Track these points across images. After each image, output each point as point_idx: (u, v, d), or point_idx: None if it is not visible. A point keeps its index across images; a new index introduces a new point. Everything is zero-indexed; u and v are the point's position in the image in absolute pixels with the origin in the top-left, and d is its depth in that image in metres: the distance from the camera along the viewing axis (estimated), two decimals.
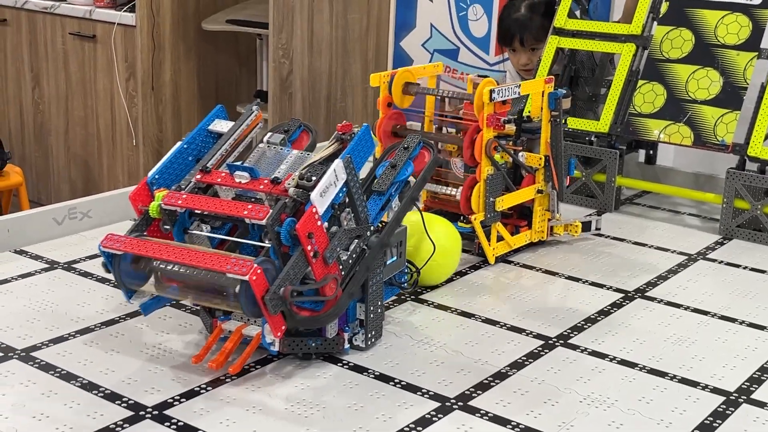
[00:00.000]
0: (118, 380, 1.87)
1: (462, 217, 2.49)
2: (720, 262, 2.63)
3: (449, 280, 2.37)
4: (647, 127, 3.00)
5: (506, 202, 2.50)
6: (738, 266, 2.60)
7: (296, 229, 1.63)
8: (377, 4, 5.50)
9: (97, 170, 5.80)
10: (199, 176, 1.84)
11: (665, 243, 2.78)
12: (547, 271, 2.51)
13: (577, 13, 3.34)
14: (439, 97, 2.61)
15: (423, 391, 1.83)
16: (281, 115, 5.08)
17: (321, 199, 1.69)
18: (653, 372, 1.96)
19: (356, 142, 1.85)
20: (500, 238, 2.54)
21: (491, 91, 2.36)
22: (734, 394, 1.87)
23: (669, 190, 3.13)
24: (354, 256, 1.80)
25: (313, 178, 1.72)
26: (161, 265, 1.76)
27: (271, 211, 1.69)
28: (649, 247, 2.74)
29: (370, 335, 1.95)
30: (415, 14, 5.26)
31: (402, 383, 1.86)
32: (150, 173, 1.93)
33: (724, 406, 1.82)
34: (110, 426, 1.70)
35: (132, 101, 5.59)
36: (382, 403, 1.79)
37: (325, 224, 1.73)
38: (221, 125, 2.04)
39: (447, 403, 1.79)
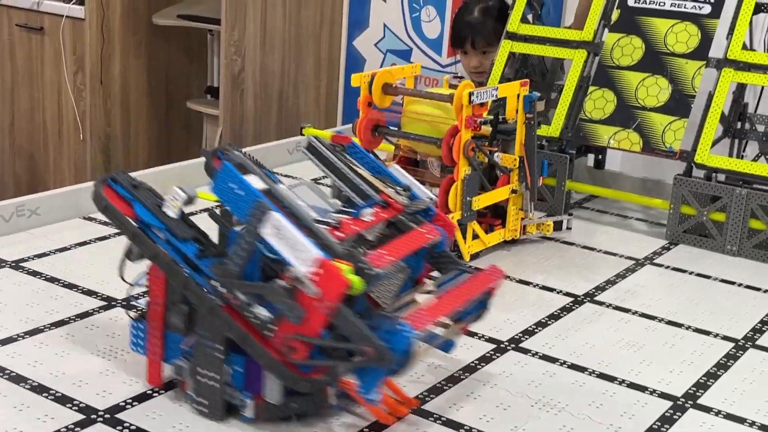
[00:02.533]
0: (69, 383, 1.85)
1: None
2: (667, 267, 2.68)
3: None
4: (597, 132, 3.04)
5: (482, 201, 2.55)
6: (684, 271, 2.66)
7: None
8: (330, 1, 5.49)
9: (43, 164, 5.71)
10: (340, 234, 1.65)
11: (613, 247, 2.82)
12: None
13: (530, 17, 3.38)
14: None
15: None
16: (233, 112, 5.05)
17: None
18: (602, 376, 1.99)
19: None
20: (475, 236, 2.59)
21: (470, 94, 2.40)
22: (681, 399, 1.91)
23: (617, 195, 3.18)
24: None
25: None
26: None
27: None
28: (598, 251, 2.78)
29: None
30: (369, 14, 5.27)
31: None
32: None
33: (672, 411, 1.86)
34: (61, 430, 1.69)
35: (80, 95, 5.51)
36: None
37: None
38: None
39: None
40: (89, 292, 2.29)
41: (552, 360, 2.06)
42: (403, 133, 2.64)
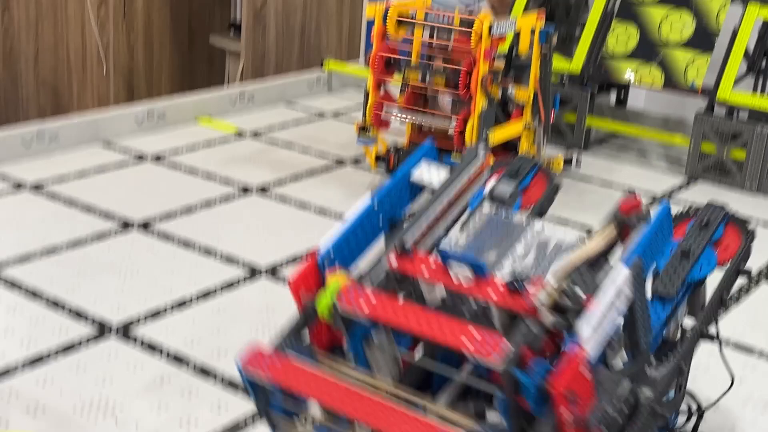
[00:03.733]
0: (84, 299, 1.88)
1: (456, 151, 2.51)
2: (685, 203, 2.67)
3: None
4: (619, 68, 3.01)
5: (498, 135, 2.53)
6: None
7: (552, 386, 1.00)
8: None
9: (67, 98, 5.73)
10: (393, 260, 1.17)
11: (632, 183, 2.81)
12: None
13: None
14: (428, 29, 2.60)
15: None
16: (254, 46, 5.02)
17: (594, 336, 1.03)
18: None
19: (652, 233, 1.15)
20: None
21: (491, 27, 2.37)
22: None
23: (637, 131, 3.15)
24: (625, 410, 1.06)
25: (583, 296, 1.05)
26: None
27: (507, 344, 1.03)
28: (616, 187, 2.77)
29: None
30: None
31: None
32: (322, 244, 1.23)
33: None
34: (76, 342, 1.72)
35: (103, 29, 5.50)
36: None
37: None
38: (428, 173, 1.35)
39: None
40: (107, 215, 2.31)
41: None
42: (416, 66, 2.61)
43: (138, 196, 2.46)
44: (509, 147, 2.66)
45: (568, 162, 2.75)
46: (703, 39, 2.91)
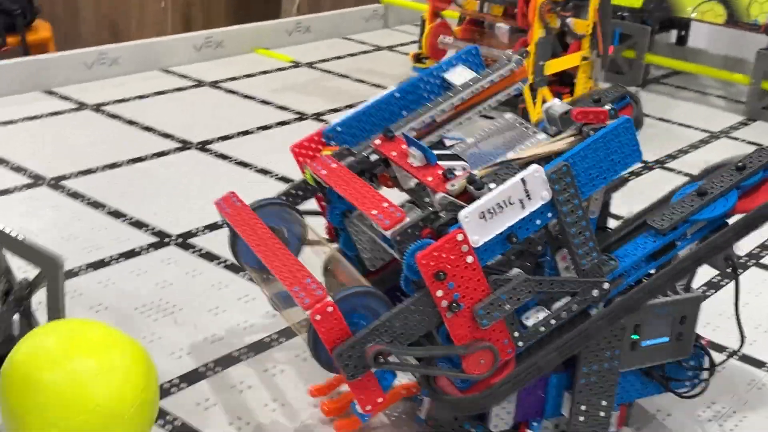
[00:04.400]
0: (145, 211, 1.92)
1: None
2: (742, 141, 2.64)
3: None
4: (681, 3, 2.96)
5: (554, 66, 2.51)
6: (760, 145, 2.60)
7: (416, 259, 1.05)
8: None
9: (126, 32, 5.78)
10: (378, 141, 1.26)
11: (689, 120, 2.78)
12: None
13: None
14: None
15: None
16: None
17: (478, 223, 1.06)
18: None
19: (600, 140, 1.12)
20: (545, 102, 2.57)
21: None
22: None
23: (696, 68, 3.11)
24: (553, 321, 1.13)
25: (491, 186, 1.10)
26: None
27: (405, 220, 1.12)
28: (673, 123, 2.75)
29: None
30: None
31: None
32: (333, 121, 1.38)
33: None
34: (136, 249, 1.77)
35: None
36: None
37: (493, 261, 1.13)
38: (460, 74, 1.38)
39: None
40: (165, 135, 2.35)
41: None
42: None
43: (196, 118, 2.50)
44: (565, 80, 2.65)
45: None
46: None
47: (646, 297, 1.17)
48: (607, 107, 1.17)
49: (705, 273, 1.55)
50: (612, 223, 1.35)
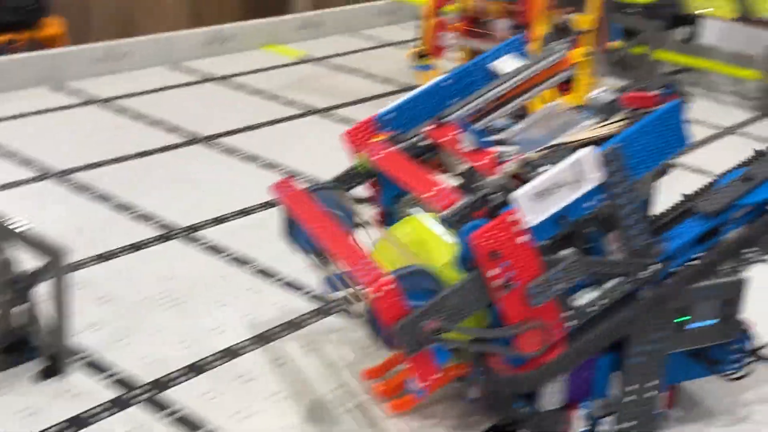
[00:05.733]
0: (150, 204, 1.93)
1: None
2: (755, 137, 2.62)
3: None
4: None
5: None
6: None
7: (470, 240, 1.08)
8: None
9: (136, 27, 5.79)
10: (430, 127, 1.32)
11: (699, 116, 2.76)
12: None
13: None
14: None
15: None
16: None
17: (534, 203, 1.08)
18: None
19: (651, 124, 1.14)
20: None
21: None
22: None
23: (706, 64, 3.09)
24: (605, 301, 1.14)
25: (544, 168, 1.13)
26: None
27: (458, 201, 1.16)
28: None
29: (623, 425, 1.23)
30: None
31: None
32: (384, 108, 1.39)
33: None
34: (143, 241, 1.77)
35: None
36: None
37: (544, 243, 1.12)
38: (508, 62, 1.42)
39: None
40: (172, 129, 2.36)
41: None
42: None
43: (203, 112, 2.50)
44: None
45: None
46: None
47: (694, 279, 1.19)
48: (655, 92, 1.18)
49: None
50: None
